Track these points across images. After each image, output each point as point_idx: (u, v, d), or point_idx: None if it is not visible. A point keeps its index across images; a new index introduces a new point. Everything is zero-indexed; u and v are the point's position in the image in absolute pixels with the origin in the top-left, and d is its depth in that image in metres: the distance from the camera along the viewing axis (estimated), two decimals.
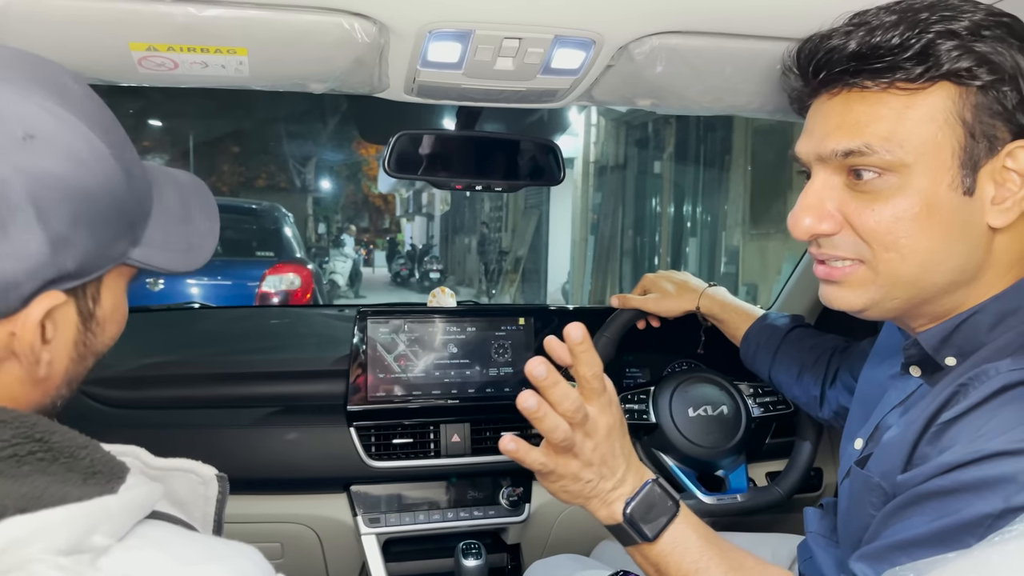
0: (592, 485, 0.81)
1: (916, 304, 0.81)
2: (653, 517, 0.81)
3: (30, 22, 0.89)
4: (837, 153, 0.78)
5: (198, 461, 0.71)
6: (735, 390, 1.47)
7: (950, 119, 0.73)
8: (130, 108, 18.05)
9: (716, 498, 1.38)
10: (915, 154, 0.74)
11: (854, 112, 0.77)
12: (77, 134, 0.56)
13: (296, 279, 5.40)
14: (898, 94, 0.75)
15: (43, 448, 0.52)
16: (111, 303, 0.64)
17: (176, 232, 0.69)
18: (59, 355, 0.60)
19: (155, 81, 1.06)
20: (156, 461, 0.69)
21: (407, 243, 23.70)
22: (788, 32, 1.01)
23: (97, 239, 0.57)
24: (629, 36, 1.02)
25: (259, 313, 2.35)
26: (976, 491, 0.67)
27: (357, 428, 1.52)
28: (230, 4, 0.93)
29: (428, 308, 1.62)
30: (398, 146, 1.29)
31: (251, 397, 1.55)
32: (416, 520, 1.53)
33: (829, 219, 0.80)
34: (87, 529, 0.48)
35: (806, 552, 1.11)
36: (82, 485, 0.52)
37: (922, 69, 0.73)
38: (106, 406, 1.48)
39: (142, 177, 0.65)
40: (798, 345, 1.35)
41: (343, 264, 15.17)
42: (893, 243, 0.76)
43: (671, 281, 1.51)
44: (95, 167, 0.56)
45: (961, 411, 0.73)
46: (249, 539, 1.52)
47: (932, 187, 0.74)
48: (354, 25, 0.97)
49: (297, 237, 6.25)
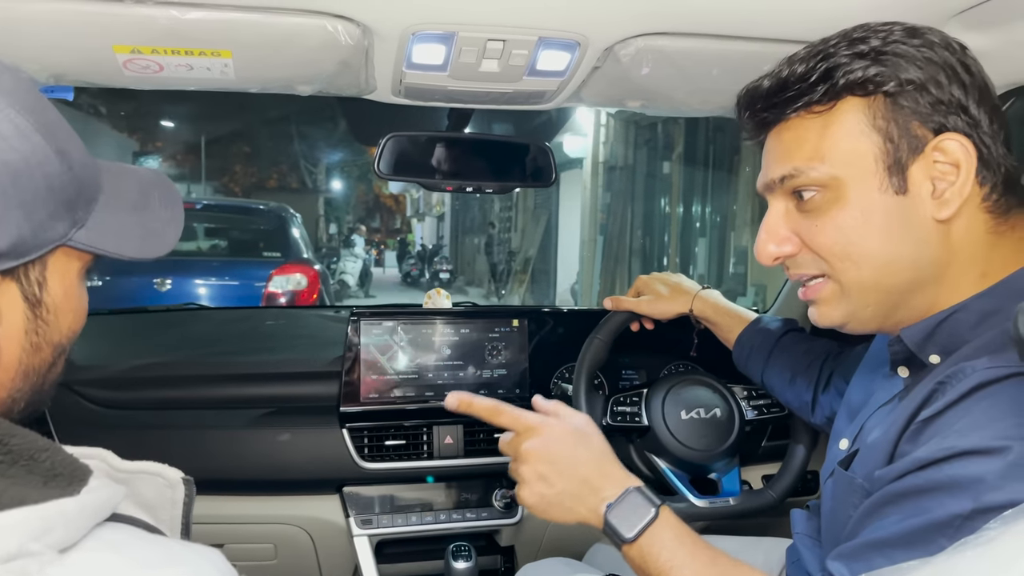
0: (563, 498, 0.93)
1: (890, 309, 0.83)
2: (631, 520, 0.88)
3: (13, 25, 0.90)
4: (776, 181, 0.84)
5: (164, 464, 0.70)
6: (728, 393, 1.46)
7: (865, 129, 0.78)
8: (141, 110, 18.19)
9: (708, 501, 1.37)
10: (840, 166, 0.79)
11: (784, 142, 0.84)
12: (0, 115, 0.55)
13: (303, 279, 5.41)
14: (814, 117, 0.80)
15: (2, 451, 0.52)
16: (61, 290, 0.63)
17: (130, 219, 0.69)
18: (9, 343, 0.59)
19: (141, 84, 1.06)
20: (122, 464, 0.68)
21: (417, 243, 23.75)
22: (773, 33, 1.01)
23: (29, 218, 0.57)
24: (613, 38, 1.02)
25: (255, 314, 2.35)
26: (947, 491, 0.67)
27: (350, 429, 1.52)
28: (213, 7, 0.93)
29: (422, 310, 1.62)
30: (388, 147, 1.29)
31: (244, 398, 1.55)
32: (408, 522, 1.53)
33: (787, 242, 0.86)
34: (41, 531, 0.48)
35: (794, 555, 1.10)
36: (42, 487, 0.52)
37: (824, 88, 0.78)
38: (101, 407, 1.49)
39: (84, 162, 0.64)
40: (791, 349, 1.34)
41: (354, 264, 15.18)
42: (843, 253, 0.81)
43: (664, 283, 1.50)
44: (19, 144, 0.56)
45: (938, 409, 0.73)
46: (243, 540, 1.53)
47: (864, 194, 0.78)
48: (338, 27, 0.97)
49: (305, 238, 6.26)
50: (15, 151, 0.55)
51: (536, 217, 14.61)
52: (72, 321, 0.66)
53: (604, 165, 11.61)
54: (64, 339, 0.66)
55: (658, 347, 1.66)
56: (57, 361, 0.67)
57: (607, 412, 1.43)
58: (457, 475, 1.58)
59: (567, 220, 13.29)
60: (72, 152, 0.62)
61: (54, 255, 0.62)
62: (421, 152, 1.31)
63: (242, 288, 5.40)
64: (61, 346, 0.66)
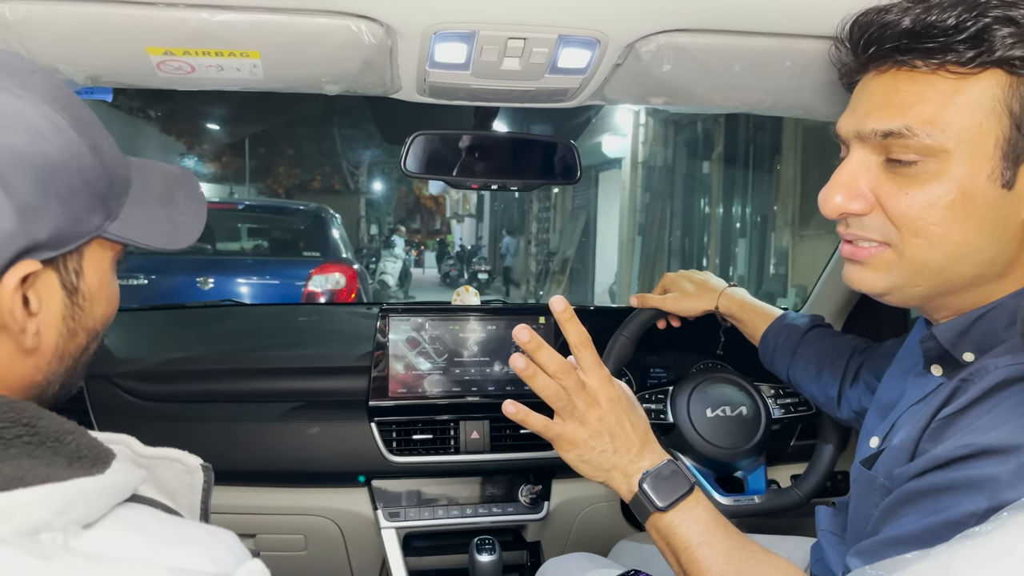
0: (607, 456, 0.90)
1: (939, 294, 0.79)
2: (667, 489, 0.87)
3: (51, 29, 0.94)
4: (877, 133, 0.76)
5: (184, 451, 0.73)
6: (755, 391, 1.46)
7: (997, 108, 0.71)
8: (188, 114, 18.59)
9: (733, 499, 1.37)
10: (956, 140, 0.72)
11: (900, 92, 0.75)
12: (35, 111, 0.58)
13: (341, 279, 5.48)
14: (947, 77, 0.72)
15: (30, 432, 0.55)
16: (96, 279, 0.66)
17: (158, 212, 0.72)
18: (47, 328, 0.62)
19: (174, 84, 1.10)
20: (145, 450, 0.71)
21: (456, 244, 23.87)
22: (795, 28, 1.00)
23: (67, 210, 0.60)
24: (634, 35, 1.03)
25: (287, 311, 2.40)
26: (964, 490, 0.66)
27: (378, 424, 1.54)
28: (241, 8, 0.96)
29: (449, 307, 1.64)
30: (414, 146, 1.31)
31: (276, 392, 1.59)
32: (435, 515, 1.55)
33: (861, 199, 0.79)
34: (61, 508, 0.50)
35: (818, 552, 1.10)
36: (66, 468, 0.54)
37: (974, 53, 0.70)
38: (139, 399, 1.54)
39: (115, 158, 0.67)
40: (817, 344, 1.33)
41: (393, 265, 15.32)
42: (923, 229, 0.75)
43: (691, 280, 1.50)
44: (54, 140, 0.59)
45: (960, 407, 0.72)
46: (274, 531, 1.57)
47: (970, 176, 0.72)
48: (361, 27, 0.99)
49: (344, 238, 6.34)
50: (51, 145, 0.58)
51: (574, 217, 14.60)
52: (105, 308, 0.69)
53: (643, 165, 11.56)
54: (98, 325, 0.69)
55: (687, 345, 1.65)
56: (90, 345, 0.70)
57: None
58: (484, 470, 1.59)
59: (605, 220, 13.26)
60: (104, 147, 0.65)
61: (90, 246, 0.65)
62: (447, 150, 1.33)
63: (283, 287, 5.50)
64: (95, 331, 0.69)
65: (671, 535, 0.87)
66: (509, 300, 2.07)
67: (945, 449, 0.69)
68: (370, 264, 14.92)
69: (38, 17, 0.91)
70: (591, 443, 0.90)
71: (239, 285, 5.41)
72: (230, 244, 6.48)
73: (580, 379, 0.90)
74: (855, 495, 0.92)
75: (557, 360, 0.89)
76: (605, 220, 13.30)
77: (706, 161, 9.69)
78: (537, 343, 0.88)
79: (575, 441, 0.90)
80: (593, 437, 0.90)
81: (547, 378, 0.89)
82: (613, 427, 0.90)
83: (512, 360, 0.88)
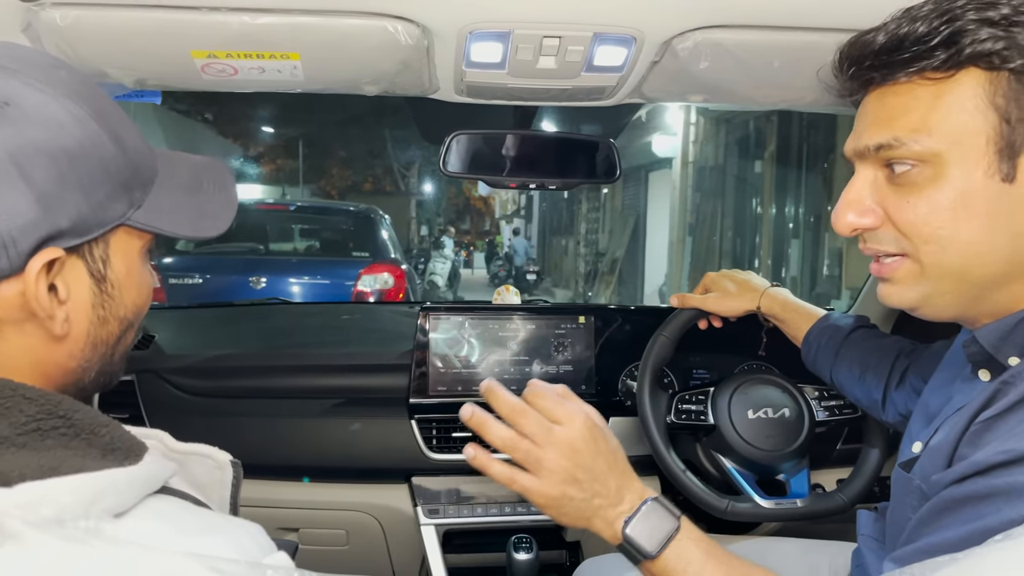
0: (587, 503, 0.83)
1: (971, 299, 0.78)
2: (654, 534, 0.82)
3: (99, 34, 0.97)
4: (871, 148, 0.78)
5: (215, 447, 0.74)
6: (798, 393, 1.43)
7: (981, 105, 0.71)
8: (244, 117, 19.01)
9: (775, 502, 1.34)
10: (947, 143, 0.72)
11: (887, 107, 0.77)
12: (57, 103, 0.60)
13: (390, 278, 5.55)
14: (927, 84, 0.74)
15: (66, 424, 0.57)
16: (124, 267, 0.68)
17: (184, 200, 0.74)
18: (77, 315, 0.64)
19: (218, 87, 1.13)
20: (177, 445, 0.73)
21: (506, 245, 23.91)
22: (834, 23, 0.98)
23: (88, 198, 0.61)
24: (670, 32, 1.02)
25: (330, 309, 2.44)
26: (1005, 497, 0.64)
27: (418, 421, 1.56)
28: (281, 11, 0.98)
29: (489, 306, 1.65)
30: (453, 145, 1.32)
31: (318, 389, 1.61)
32: (474, 513, 1.56)
33: (870, 214, 0.80)
34: (93, 498, 0.52)
35: (859, 558, 1.07)
36: (100, 459, 0.57)
37: (947, 55, 0.71)
38: (187, 394, 1.58)
39: (139, 149, 0.69)
40: (861, 346, 1.30)
41: (443, 265, 15.43)
42: (931, 235, 0.75)
43: (732, 280, 1.48)
44: (75, 131, 0.61)
45: (999, 410, 0.70)
46: (316, 525, 1.59)
47: (967, 175, 0.72)
48: (397, 28, 1.00)
49: (393, 238, 6.41)
50: (72, 137, 0.60)
51: (624, 217, 14.51)
52: (136, 296, 0.71)
53: (694, 164, 11.43)
54: (129, 313, 0.70)
55: (731, 346, 1.63)
56: (125, 335, 0.71)
57: (671, 410, 1.42)
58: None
59: (655, 220, 13.15)
60: (127, 138, 0.67)
61: (115, 234, 0.66)
62: (485, 149, 1.34)
63: (333, 287, 5.58)
64: (127, 320, 0.71)
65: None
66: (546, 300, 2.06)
67: (985, 455, 0.67)
68: (418, 265, 15.04)
69: (86, 22, 0.94)
70: (568, 493, 0.81)
71: (290, 284, 5.50)
72: (282, 244, 6.61)
73: (544, 422, 0.82)
74: (893, 499, 0.90)
75: (509, 403, 0.83)
76: (655, 220, 13.19)
77: (758, 160, 9.54)
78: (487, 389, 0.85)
79: (550, 495, 0.82)
80: (569, 487, 0.81)
81: (500, 426, 0.82)
82: (588, 472, 0.82)
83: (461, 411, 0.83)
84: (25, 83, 0.60)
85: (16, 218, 0.57)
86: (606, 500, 0.83)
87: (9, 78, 0.59)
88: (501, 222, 30.02)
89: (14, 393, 0.56)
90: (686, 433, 1.47)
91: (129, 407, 1.53)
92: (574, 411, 0.84)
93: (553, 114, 1.35)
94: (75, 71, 0.65)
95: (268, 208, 7.34)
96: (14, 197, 0.56)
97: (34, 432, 0.55)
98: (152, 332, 1.72)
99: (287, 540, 0.88)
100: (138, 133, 0.70)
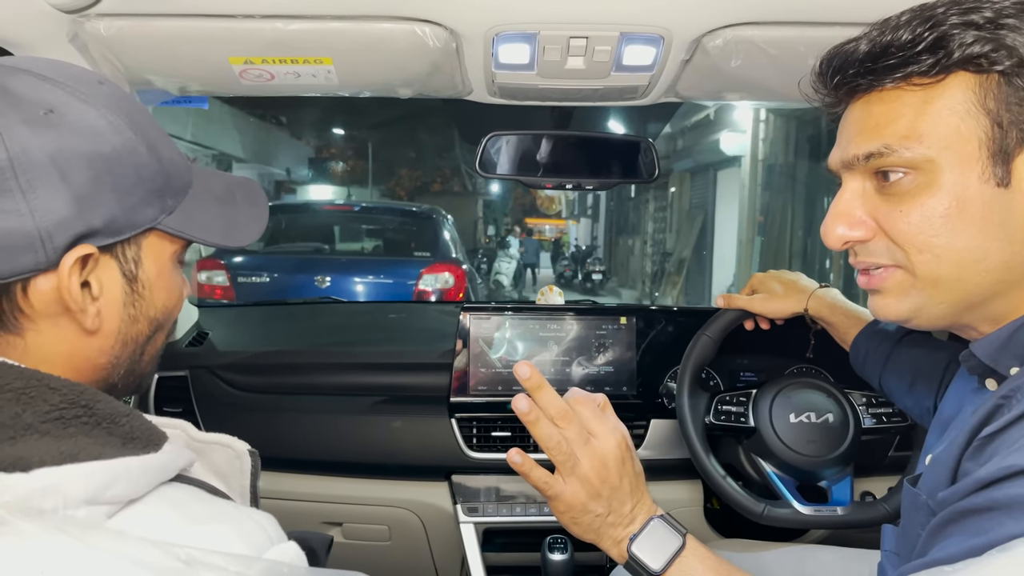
0: (601, 519, 0.84)
1: (965, 309, 0.76)
2: (658, 550, 0.83)
3: (141, 42, 1.01)
4: (859, 158, 0.76)
5: (234, 437, 0.77)
6: (844, 398, 1.38)
7: (972, 109, 0.69)
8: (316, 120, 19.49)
9: (813, 509, 1.30)
10: (938, 148, 0.70)
11: (874, 114, 0.76)
12: (95, 112, 0.65)
13: (451, 278, 5.60)
14: (914, 90, 0.72)
15: (87, 413, 0.59)
16: (155, 269, 0.72)
17: (216, 210, 0.77)
18: (109, 312, 0.68)
19: (256, 91, 1.16)
20: (199, 434, 0.76)
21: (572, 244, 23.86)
22: (864, 17, 0.95)
23: (122, 201, 0.66)
24: (698, 30, 1.01)
25: (378, 308, 2.47)
26: (1007, 511, 0.62)
27: (458, 420, 1.57)
28: (312, 17, 1.01)
29: (529, 306, 1.65)
30: (489, 146, 1.33)
31: (362, 386, 1.64)
32: (513, 512, 1.56)
33: (861, 225, 0.78)
34: (106, 483, 0.55)
35: (882, 572, 1.04)
36: (120, 448, 0.59)
37: (934, 60, 0.70)
38: (238, 390, 1.63)
39: (174, 160, 0.73)
40: (911, 352, 1.25)
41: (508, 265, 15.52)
42: (925, 244, 0.73)
43: (780, 281, 1.44)
44: (112, 138, 0.65)
45: (1001, 425, 0.68)
46: (360, 520, 1.62)
47: (961, 181, 0.70)
48: (425, 31, 1.02)
49: (455, 239, 6.46)
50: (108, 143, 0.65)
51: (691, 217, 14.30)
52: (166, 299, 0.74)
53: (763, 162, 11.19)
54: (159, 314, 0.74)
55: (782, 348, 1.59)
56: (155, 336, 0.75)
57: (711, 410, 1.40)
58: None
59: (724, 220, 12.92)
60: (162, 148, 0.71)
61: (147, 238, 0.70)
62: (521, 150, 1.34)
63: (395, 286, 5.66)
64: (157, 321, 0.74)
65: None
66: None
67: (988, 471, 0.65)
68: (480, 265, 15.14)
69: (129, 32, 0.99)
70: (588, 506, 0.83)
71: (354, 283, 5.61)
72: (347, 244, 6.76)
73: (584, 431, 0.83)
74: (904, 515, 0.87)
75: (558, 406, 0.82)
76: (723, 220, 12.96)
77: None
78: (538, 381, 0.82)
79: (572, 504, 0.83)
80: (591, 500, 0.83)
81: (550, 425, 0.82)
82: (612, 490, 0.83)
83: (515, 401, 0.81)
84: (69, 94, 0.64)
85: (53, 214, 0.61)
86: (619, 519, 0.85)
87: (55, 89, 0.64)
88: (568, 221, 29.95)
89: (40, 383, 0.59)
90: (728, 436, 1.45)
91: (182, 401, 1.59)
92: (611, 428, 0.85)
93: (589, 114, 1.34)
94: (117, 87, 0.70)
95: (334, 209, 7.51)
96: (52, 195, 0.60)
97: (57, 420, 0.57)
98: (206, 330, 1.78)
99: (320, 534, 0.90)
100: (174, 146, 0.74)
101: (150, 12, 0.98)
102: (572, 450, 0.83)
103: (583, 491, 0.83)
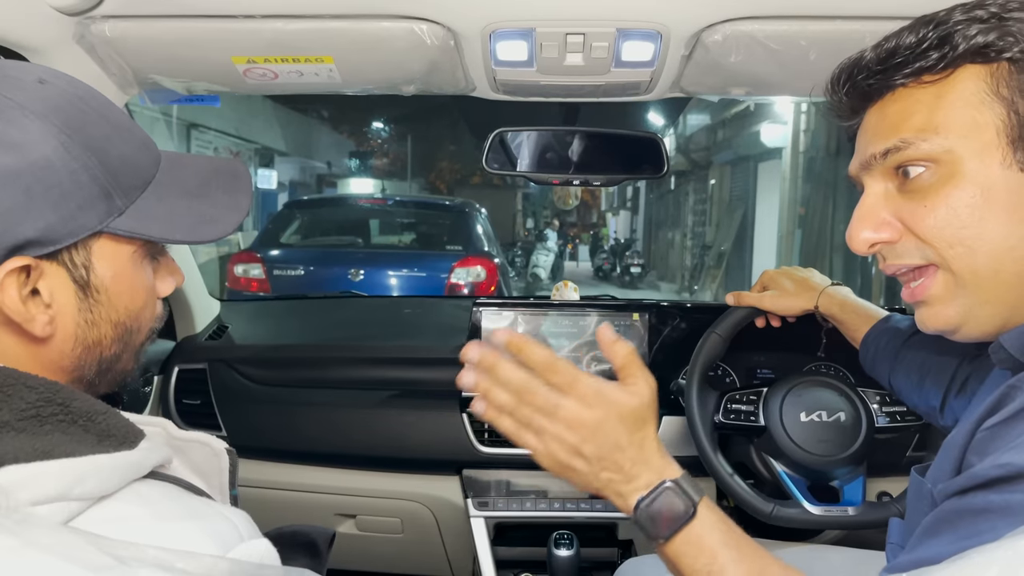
0: (594, 476, 0.80)
1: (1011, 307, 0.73)
2: (666, 517, 0.78)
3: (145, 44, 1.04)
4: (877, 156, 0.75)
5: (211, 435, 0.77)
6: (857, 396, 1.36)
7: (986, 99, 0.68)
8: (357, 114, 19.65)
9: (823, 509, 1.28)
10: (956, 138, 0.69)
11: (888, 115, 0.76)
12: (22, 119, 0.62)
13: (482, 272, 5.60)
14: (926, 87, 0.72)
15: (64, 411, 0.60)
16: (110, 273, 0.69)
17: (184, 205, 0.74)
18: (63, 318, 0.67)
19: (261, 90, 1.18)
20: (178, 432, 0.76)
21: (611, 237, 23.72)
22: (874, 10, 0.94)
23: (57, 210, 0.63)
24: (696, 25, 1.00)
25: (395, 302, 2.49)
26: (1000, 514, 0.61)
27: (470, 414, 1.58)
28: (312, 17, 1.02)
29: (541, 302, 1.65)
30: (496, 142, 1.33)
31: (376, 380, 1.66)
32: (523, 507, 1.56)
33: (886, 227, 0.77)
34: (76, 480, 0.56)
35: None
36: (95, 445, 0.60)
37: (940, 55, 0.70)
38: (254, 383, 1.65)
39: (127, 156, 0.70)
40: (922, 350, 1.23)
41: (545, 258, 15.49)
42: (955, 237, 0.71)
43: (791, 278, 1.42)
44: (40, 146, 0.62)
45: (1002, 419, 0.66)
46: (373, 513, 1.63)
47: (983, 169, 0.69)
48: (423, 29, 1.02)
49: (488, 232, 6.45)
50: (36, 152, 0.62)
51: (731, 210, 14.13)
52: (129, 301, 0.72)
53: (805, 155, 11.00)
54: (123, 317, 0.72)
55: (798, 346, 1.57)
56: (125, 337, 0.73)
57: (720, 408, 1.38)
58: None
59: (764, 213, 12.74)
60: (109, 148, 0.67)
61: (98, 241, 0.68)
62: (528, 146, 1.34)
63: (428, 279, 5.68)
64: (123, 324, 0.72)
65: (676, 563, 0.78)
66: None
67: (984, 468, 0.63)
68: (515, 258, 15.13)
69: (133, 34, 1.01)
70: (572, 465, 0.79)
71: (387, 277, 5.64)
72: (381, 238, 6.80)
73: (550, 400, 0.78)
74: (908, 504, 0.85)
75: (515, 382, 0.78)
76: (764, 213, 12.78)
77: None
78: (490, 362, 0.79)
79: (550, 462, 0.80)
80: (572, 459, 0.79)
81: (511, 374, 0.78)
82: (602, 450, 0.78)
83: (458, 379, 0.80)
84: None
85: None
86: (618, 475, 0.79)
87: None
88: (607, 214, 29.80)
89: (16, 381, 0.60)
90: (740, 435, 1.43)
91: (201, 394, 1.62)
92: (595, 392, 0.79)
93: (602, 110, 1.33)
94: (61, 85, 0.67)
95: (367, 203, 7.56)
96: None
97: (33, 418, 0.58)
98: (226, 323, 1.81)
99: (322, 528, 0.90)
100: (135, 141, 0.71)
101: (152, 13, 1.00)
102: (531, 418, 0.78)
103: (560, 454, 0.79)
